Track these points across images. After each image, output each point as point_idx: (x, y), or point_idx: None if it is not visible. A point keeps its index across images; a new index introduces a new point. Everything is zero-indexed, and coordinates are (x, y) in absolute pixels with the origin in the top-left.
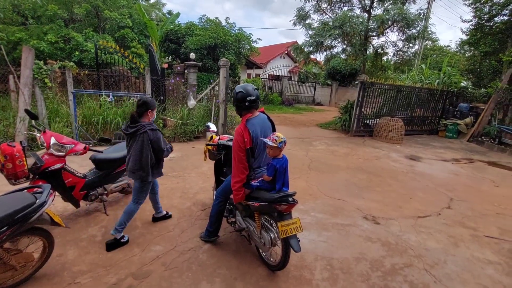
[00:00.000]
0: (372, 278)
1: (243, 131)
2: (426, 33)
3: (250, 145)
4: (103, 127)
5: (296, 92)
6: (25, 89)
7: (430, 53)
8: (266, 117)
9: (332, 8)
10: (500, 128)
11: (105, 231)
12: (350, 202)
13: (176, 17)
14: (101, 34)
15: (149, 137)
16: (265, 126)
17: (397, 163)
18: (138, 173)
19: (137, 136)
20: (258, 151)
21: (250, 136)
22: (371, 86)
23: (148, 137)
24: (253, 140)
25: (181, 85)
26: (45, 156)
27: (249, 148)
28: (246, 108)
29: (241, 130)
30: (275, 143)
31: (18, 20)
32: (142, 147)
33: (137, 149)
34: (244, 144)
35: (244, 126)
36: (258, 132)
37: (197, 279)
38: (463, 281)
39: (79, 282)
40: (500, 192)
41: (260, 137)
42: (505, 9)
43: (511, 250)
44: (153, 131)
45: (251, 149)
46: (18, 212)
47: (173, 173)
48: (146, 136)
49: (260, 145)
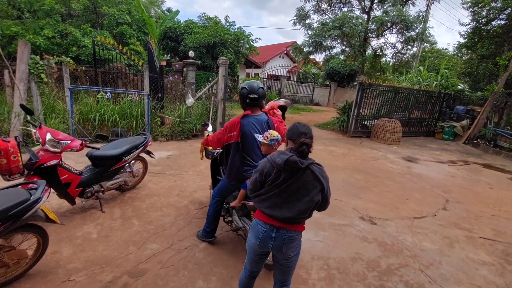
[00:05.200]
0: (368, 278)
1: (235, 124)
2: (424, 36)
3: (237, 139)
4: (100, 124)
5: (294, 92)
6: (21, 84)
7: (428, 55)
8: (267, 118)
9: (332, 8)
10: (495, 131)
11: (101, 228)
12: (347, 202)
13: (175, 15)
14: (99, 30)
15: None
16: (263, 127)
17: (394, 164)
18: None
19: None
20: (248, 148)
21: (239, 132)
22: (369, 87)
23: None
24: (240, 136)
25: (179, 83)
26: (40, 152)
27: (235, 143)
28: (247, 104)
29: (233, 122)
30: (266, 140)
31: (14, 14)
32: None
33: None
34: (227, 132)
35: (238, 121)
36: (249, 131)
37: (193, 277)
38: (458, 282)
39: (73, 280)
40: (495, 194)
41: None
42: (502, 14)
43: (505, 251)
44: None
45: (237, 144)
46: (12, 208)
47: (170, 171)
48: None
49: (250, 143)
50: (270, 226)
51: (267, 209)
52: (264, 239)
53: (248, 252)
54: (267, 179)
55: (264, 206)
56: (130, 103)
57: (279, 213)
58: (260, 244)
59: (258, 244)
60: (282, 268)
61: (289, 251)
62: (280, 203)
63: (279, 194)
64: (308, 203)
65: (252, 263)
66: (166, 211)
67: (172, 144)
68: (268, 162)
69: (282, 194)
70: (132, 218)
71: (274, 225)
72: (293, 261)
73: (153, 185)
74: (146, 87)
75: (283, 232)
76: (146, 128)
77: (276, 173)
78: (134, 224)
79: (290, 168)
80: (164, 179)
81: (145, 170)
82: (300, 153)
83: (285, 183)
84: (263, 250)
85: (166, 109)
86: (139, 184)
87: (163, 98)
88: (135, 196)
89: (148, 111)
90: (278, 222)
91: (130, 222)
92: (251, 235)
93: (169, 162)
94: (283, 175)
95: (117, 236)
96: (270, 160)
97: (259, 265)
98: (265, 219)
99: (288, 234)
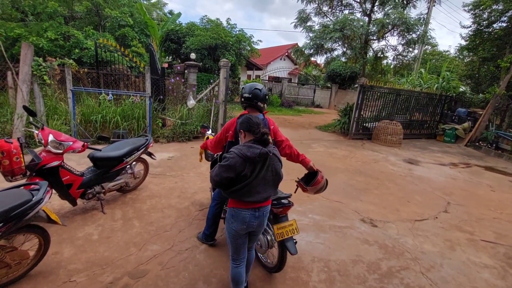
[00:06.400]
0: (369, 280)
1: (231, 124)
2: (425, 38)
3: (231, 139)
4: (102, 126)
5: (295, 94)
6: (24, 85)
7: (430, 57)
8: (263, 118)
9: (333, 11)
10: (497, 133)
11: (102, 229)
12: (348, 204)
13: (177, 17)
14: (101, 32)
15: None
16: None
17: (395, 166)
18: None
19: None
20: None
21: (234, 131)
22: (370, 89)
23: None
24: (234, 136)
25: (181, 85)
26: (42, 153)
27: (230, 142)
28: (243, 104)
29: (230, 122)
30: None
31: (18, 16)
32: None
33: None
34: (224, 132)
35: (234, 121)
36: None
37: (193, 279)
38: (459, 285)
39: (74, 281)
40: (497, 196)
41: None
42: (503, 16)
43: (506, 254)
44: None
45: (231, 143)
46: (14, 209)
47: (171, 172)
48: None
49: None
50: (253, 210)
51: (249, 198)
52: (249, 221)
53: (232, 241)
54: (241, 173)
55: (245, 197)
56: (131, 104)
57: (259, 197)
58: (247, 227)
59: (245, 227)
60: (254, 238)
61: (265, 221)
62: (259, 190)
63: (256, 183)
64: (278, 180)
65: (239, 248)
66: (167, 212)
67: (173, 145)
68: (238, 157)
69: (259, 182)
70: (133, 219)
71: (256, 207)
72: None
73: (154, 187)
74: (147, 89)
75: (263, 209)
76: (148, 130)
77: (250, 166)
78: (135, 225)
79: (262, 158)
80: (165, 181)
81: (146, 171)
82: (264, 142)
83: (260, 173)
84: (248, 231)
85: (168, 111)
86: (140, 186)
87: (164, 100)
88: (136, 198)
89: (150, 113)
90: (258, 203)
91: (131, 223)
92: (234, 223)
93: (170, 164)
94: (258, 166)
95: (118, 237)
96: (240, 155)
97: (244, 249)
98: (247, 206)
99: (266, 209)
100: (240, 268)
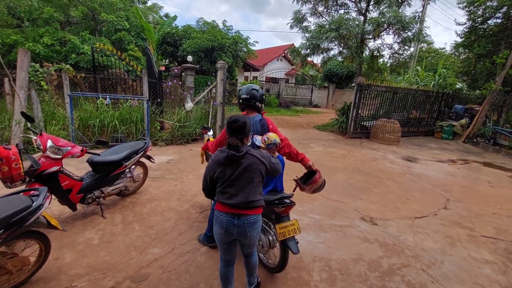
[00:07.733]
0: (370, 278)
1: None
2: (421, 36)
3: None
4: (100, 130)
5: (293, 95)
6: (21, 92)
7: (426, 55)
8: (260, 118)
9: (328, 11)
10: (495, 129)
11: (102, 234)
12: (348, 203)
13: (173, 20)
14: (97, 37)
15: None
16: (257, 127)
17: (394, 164)
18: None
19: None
20: None
21: None
22: (367, 88)
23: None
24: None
25: (178, 87)
26: (41, 159)
27: None
28: (241, 105)
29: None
30: (264, 144)
31: (14, 22)
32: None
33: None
34: (226, 133)
35: None
36: None
37: (195, 281)
38: (460, 281)
39: (76, 286)
40: (496, 192)
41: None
42: (498, 12)
43: (507, 249)
44: None
45: None
46: (14, 215)
47: (170, 175)
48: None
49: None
50: (231, 215)
51: (227, 200)
52: (228, 227)
53: (218, 244)
54: (218, 175)
55: (223, 198)
56: (129, 108)
57: (236, 200)
58: (225, 233)
59: (224, 233)
60: (248, 247)
61: (252, 233)
62: (235, 192)
63: (231, 184)
64: (258, 182)
65: (224, 252)
66: (167, 215)
67: (172, 148)
68: (213, 162)
69: (234, 183)
70: (133, 223)
71: (235, 213)
72: (256, 238)
73: (153, 190)
74: (145, 92)
75: (244, 218)
76: (146, 133)
77: (222, 169)
78: (135, 229)
79: (231, 160)
80: (164, 184)
81: (145, 175)
82: (234, 148)
83: (233, 174)
84: (229, 238)
85: (166, 114)
86: (139, 189)
87: (162, 103)
88: (136, 201)
89: (148, 116)
90: (237, 209)
91: (131, 227)
92: (216, 227)
93: (169, 167)
94: (230, 167)
95: (119, 241)
96: (214, 160)
97: (231, 253)
98: (226, 209)
99: (249, 218)
100: (226, 269)
